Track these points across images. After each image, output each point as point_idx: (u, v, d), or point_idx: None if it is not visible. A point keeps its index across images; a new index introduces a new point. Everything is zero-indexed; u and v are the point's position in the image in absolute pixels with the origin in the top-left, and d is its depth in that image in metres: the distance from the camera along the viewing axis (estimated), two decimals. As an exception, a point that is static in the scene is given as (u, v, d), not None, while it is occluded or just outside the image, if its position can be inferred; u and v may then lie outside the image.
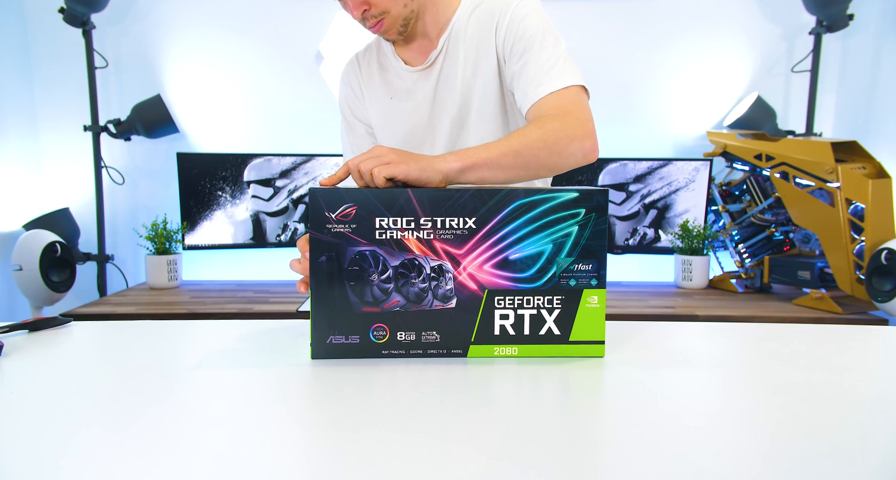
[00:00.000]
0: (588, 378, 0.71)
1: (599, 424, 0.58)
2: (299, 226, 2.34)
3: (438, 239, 0.74)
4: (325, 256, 0.74)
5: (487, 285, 0.75)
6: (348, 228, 0.73)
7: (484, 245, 0.74)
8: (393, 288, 0.75)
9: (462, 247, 0.74)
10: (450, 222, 0.74)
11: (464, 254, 0.74)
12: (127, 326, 0.95)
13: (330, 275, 0.74)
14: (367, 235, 0.74)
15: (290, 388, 0.68)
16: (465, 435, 0.55)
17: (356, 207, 0.73)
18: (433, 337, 0.76)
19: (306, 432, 0.56)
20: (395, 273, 0.74)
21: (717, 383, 0.70)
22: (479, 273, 0.75)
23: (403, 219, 0.73)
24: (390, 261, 0.74)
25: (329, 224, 0.73)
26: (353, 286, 0.74)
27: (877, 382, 0.71)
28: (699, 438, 0.54)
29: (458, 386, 0.67)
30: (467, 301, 0.75)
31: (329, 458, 0.51)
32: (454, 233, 0.74)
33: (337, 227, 0.73)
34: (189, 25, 2.37)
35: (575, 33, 2.38)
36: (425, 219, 0.74)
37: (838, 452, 0.52)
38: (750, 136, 2.18)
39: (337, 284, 0.74)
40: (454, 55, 1.02)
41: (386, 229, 0.74)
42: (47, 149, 2.38)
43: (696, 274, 2.24)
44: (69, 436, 0.55)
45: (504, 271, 0.75)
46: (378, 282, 0.74)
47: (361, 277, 0.74)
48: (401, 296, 0.75)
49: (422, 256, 0.74)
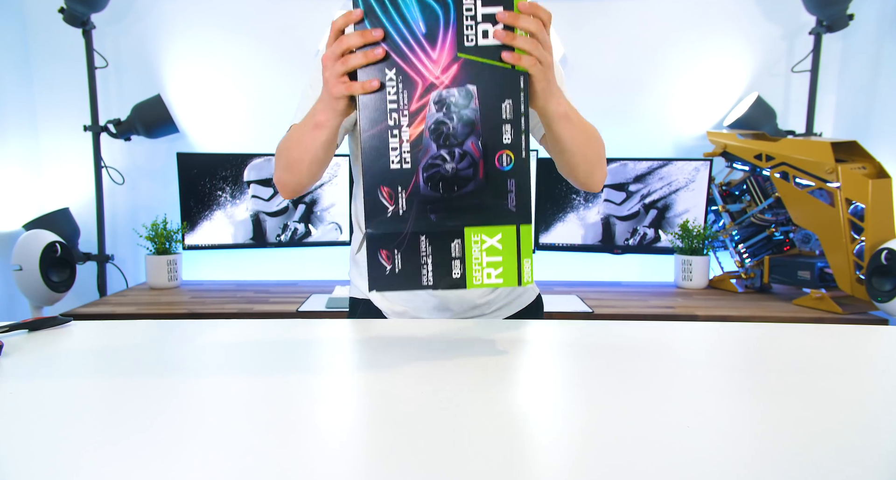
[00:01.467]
0: (588, 378, 0.71)
1: (599, 424, 0.58)
2: (299, 226, 2.34)
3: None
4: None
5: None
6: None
7: None
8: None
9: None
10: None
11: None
12: (127, 326, 0.95)
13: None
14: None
15: (291, 388, 0.68)
16: (464, 435, 0.54)
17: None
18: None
19: (306, 432, 0.56)
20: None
21: (717, 383, 0.70)
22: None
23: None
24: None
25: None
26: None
27: (877, 382, 0.71)
28: (699, 438, 0.54)
29: (458, 386, 0.67)
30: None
31: (329, 458, 0.51)
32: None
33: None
34: (189, 25, 2.37)
35: (575, 33, 2.38)
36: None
37: (838, 452, 0.52)
38: (750, 136, 2.18)
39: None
40: None
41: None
42: (47, 149, 2.38)
43: (696, 274, 2.24)
44: (69, 436, 0.55)
45: None
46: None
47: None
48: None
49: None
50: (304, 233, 2.35)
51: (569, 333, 0.90)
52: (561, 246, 2.35)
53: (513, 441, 0.53)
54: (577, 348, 0.83)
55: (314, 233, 2.36)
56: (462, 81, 0.73)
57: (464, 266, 0.75)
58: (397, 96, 0.73)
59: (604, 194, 2.31)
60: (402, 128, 0.73)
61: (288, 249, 2.39)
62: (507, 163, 0.74)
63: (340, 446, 0.53)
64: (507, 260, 0.75)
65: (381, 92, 0.73)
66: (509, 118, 0.74)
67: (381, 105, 0.73)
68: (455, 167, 0.74)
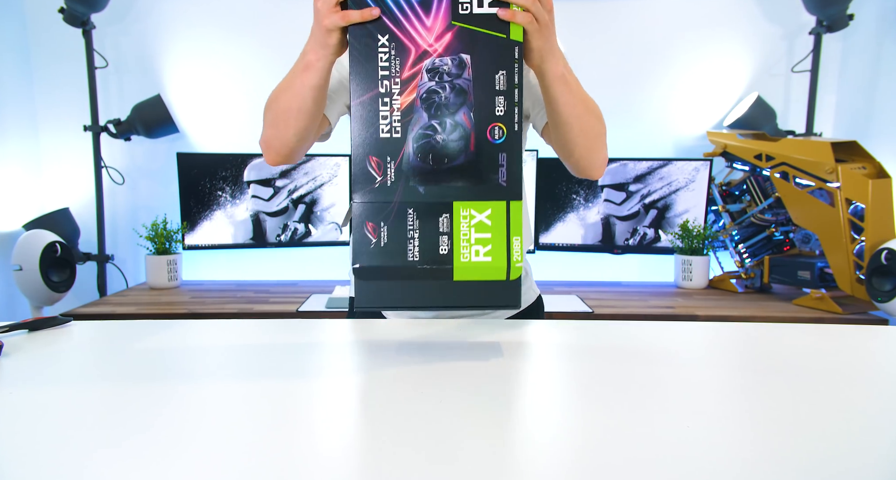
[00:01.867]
0: (588, 378, 0.71)
1: (599, 424, 0.58)
2: (299, 226, 2.34)
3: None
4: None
5: None
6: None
7: None
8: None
9: None
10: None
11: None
12: (127, 326, 0.95)
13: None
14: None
15: (291, 388, 0.68)
16: (464, 434, 0.55)
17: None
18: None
19: (306, 432, 0.56)
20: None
21: (717, 383, 0.70)
22: None
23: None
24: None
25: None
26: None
27: (877, 382, 0.71)
28: (699, 438, 0.54)
29: (458, 386, 0.67)
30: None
31: (330, 458, 0.51)
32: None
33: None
34: (189, 25, 2.37)
35: (576, 34, 2.38)
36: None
37: (838, 452, 0.52)
38: (750, 136, 2.18)
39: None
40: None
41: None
42: (47, 149, 2.38)
43: (696, 274, 2.24)
44: (69, 436, 0.55)
45: None
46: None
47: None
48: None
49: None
50: (304, 233, 2.35)
51: (569, 333, 0.90)
52: (561, 246, 2.36)
53: (513, 441, 0.53)
54: (578, 348, 0.83)
55: (314, 233, 2.36)
56: (456, 50, 0.71)
57: (451, 242, 0.73)
58: (389, 63, 0.71)
59: (604, 194, 2.31)
60: (394, 96, 0.72)
61: (288, 249, 2.39)
62: (500, 137, 0.73)
63: (340, 446, 0.53)
64: (496, 237, 0.73)
65: (373, 58, 0.71)
66: (503, 89, 0.72)
67: (372, 72, 0.71)
68: (446, 138, 0.73)
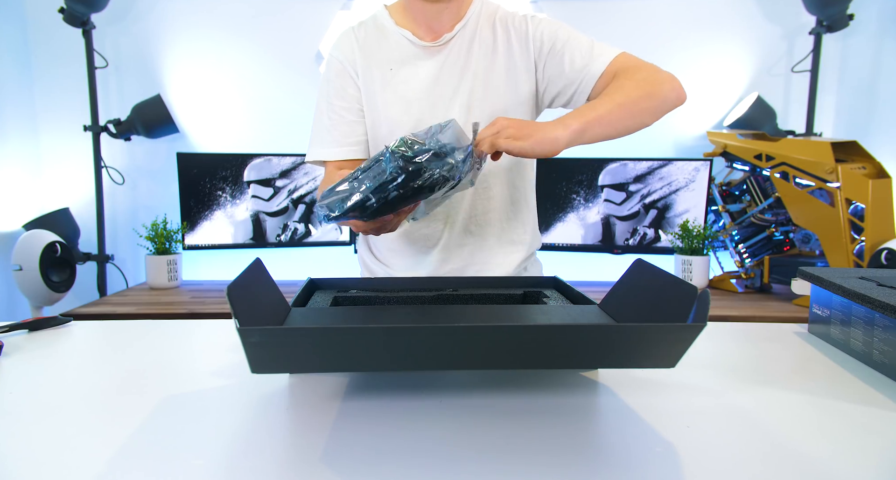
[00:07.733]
0: (587, 377, 0.71)
1: (599, 424, 0.58)
2: (299, 226, 2.34)
3: None
4: None
5: None
6: None
7: None
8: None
9: None
10: None
11: None
12: (127, 326, 0.95)
13: None
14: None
15: (291, 388, 0.68)
16: (464, 437, 0.55)
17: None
18: None
19: (306, 432, 0.56)
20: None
21: (717, 383, 0.70)
22: None
23: None
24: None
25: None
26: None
27: (877, 382, 0.71)
28: (699, 438, 0.54)
29: (458, 386, 0.67)
30: None
31: (329, 458, 0.51)
32: None
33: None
34: (189, 25, 2.37)
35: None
36: None
37: (838, 452, 0.52)
38: (750, 136, 2.18)
39: None
40: (467, 44, 1.05)
41: None
42: (47, 149, 2.38)
43: (696, 274, 2.24)
44: (69, 436, 0.55)
45: None
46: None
47: None
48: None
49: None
50: (304, 233, 2.35)
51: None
52: (561, 246, 2.36)
53: (514, 441, 0.53)
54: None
55: (314, 233, 2.36)
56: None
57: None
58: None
59: (604, 194, 2.31)
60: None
61: (288, 249, 2.39)
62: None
63: (340, 446, 0.53)
64: None
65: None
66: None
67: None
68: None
